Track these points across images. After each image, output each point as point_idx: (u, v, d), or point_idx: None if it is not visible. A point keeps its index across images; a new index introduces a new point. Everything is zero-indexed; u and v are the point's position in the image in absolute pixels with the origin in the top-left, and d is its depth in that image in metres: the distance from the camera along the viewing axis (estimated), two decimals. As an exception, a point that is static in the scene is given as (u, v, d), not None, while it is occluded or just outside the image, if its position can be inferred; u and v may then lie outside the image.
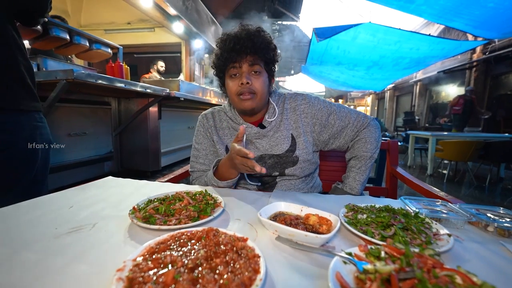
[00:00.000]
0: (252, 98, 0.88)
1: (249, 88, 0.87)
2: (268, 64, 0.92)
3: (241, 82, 0.86)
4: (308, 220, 0.57)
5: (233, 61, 0.87)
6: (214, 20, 6.49)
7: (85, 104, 2.80)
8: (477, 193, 3.55)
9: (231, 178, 0.88)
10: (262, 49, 0.87)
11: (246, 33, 0.86)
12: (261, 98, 0.90)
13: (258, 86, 0.88)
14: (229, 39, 0.86)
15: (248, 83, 0.86)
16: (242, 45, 0.84)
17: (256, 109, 0.93)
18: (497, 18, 3.20)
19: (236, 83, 0.88)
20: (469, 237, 0.55)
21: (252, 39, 0.85)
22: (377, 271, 0.36)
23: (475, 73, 7.54)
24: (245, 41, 0.84)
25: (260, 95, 0.89)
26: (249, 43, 0.84)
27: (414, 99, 11.26)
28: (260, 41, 0.86)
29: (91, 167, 2.94)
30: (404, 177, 1.14)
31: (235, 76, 0.89)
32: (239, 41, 0.85)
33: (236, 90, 0.88)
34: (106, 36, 4.66)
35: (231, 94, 0.91)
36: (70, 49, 2.95)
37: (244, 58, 0.86)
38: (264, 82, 0.90)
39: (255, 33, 0.87)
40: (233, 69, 0.89)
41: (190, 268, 0.36)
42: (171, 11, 4.63)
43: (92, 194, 0.77)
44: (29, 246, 0.47)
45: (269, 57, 0.91)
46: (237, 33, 0.86)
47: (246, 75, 0.87)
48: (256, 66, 0.88)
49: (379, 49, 4.76)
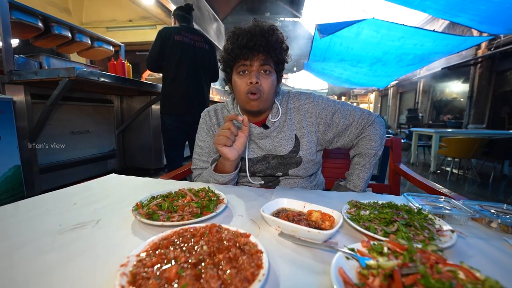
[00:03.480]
0: (259, 98, 0.85)
1: (258, 88, 0.84)
2: (279, 64, 0.89)
3: (250, 81, 0.83)
4: (311, 216, 0.57)
5: (244, 58, 0.83)
6: (216, 17, 6.45)
7: (88, 102, 2.81)
8: (480, 190, 3.53)
9: (230, 172, 0.87)
10: (275, 49, 0.84)
11: (260, 30, 0.82)
12: (267, 99, 0.88)
13: (266, 86, 0.85)
14: (242, 34, 0.82)
15: (258, 83, 0.83)
16: (255, 42, 0.81)
17: (262, 110, 0.91)
18: (503, 13, 3.14)
19: (245, 81, 0.85)
20: (473, 233, 0.55)
21: (267, 37, 0.82)
22: (380, 266, 0.36)
23: (480, 69, 7.44)
24: (259, 38, 0.81)
25: (267, 95, 0.87)
26: (263, 41, 0.81)
27: (417, 96, 11.16)
28: (274, 40, 0.83)
29: (94, 165, 2.97)
30: (407, 174, 1.14)
31: (244, 74, 0.86)
32: (253, 38, 0.81)
33: (244, 88, 0.85)
34: (107, 34, 4.67)
35: (239, 92, 0.88)
36: (72, 47, 2.97)
37: (256, 56, 0.83)
38: (272, 83, 0.87)
39: (269, 31, 0.83)
40: (242, 66, 0.85)
41: (193, 264, 0.36)
42: (172, 8, 4.61)
43: (95, 191, 0.77)
44: (33, 242, 0.47)
45: (281, 57, 0.88)
46: (251, 29, 0.82)
47: (256, 74, 0.83)
48: (267, 65, 0.85)
49: (382, 45, 4.70)
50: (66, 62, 2.68)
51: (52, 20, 2.47)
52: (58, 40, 2.68)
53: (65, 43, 2.80)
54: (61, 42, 2.74)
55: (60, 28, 2.55)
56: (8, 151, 1.90)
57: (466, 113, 7.85)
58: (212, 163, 0.91)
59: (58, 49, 2.95)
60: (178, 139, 2.32)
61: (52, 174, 2.42)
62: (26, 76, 1.97)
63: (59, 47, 2.88)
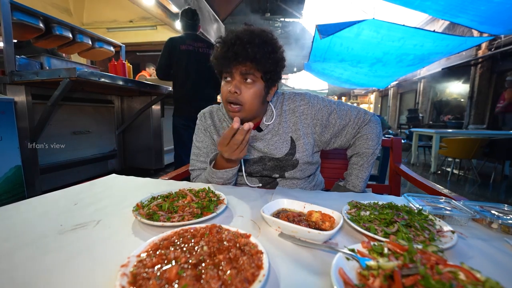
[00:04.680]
0: (240, 110, 0.82)
1: (237, 98, 0.81)
2: (266, 73, 0.82)
3: (229, 90, 0.81)
4: (311, 216, 0.57)
5: (225, 67, 0.82)
6: (217, 17, 6.46)
7: (88, 103, 2.82)
8: (481, 191, 3.52)
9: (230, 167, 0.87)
10: (258, 60, 0.78)
11: (245, 38, 0.77)
12: (250, 110, 0.84)
13: (247, 97, 0.81)
14: (224, 42, 0.80)
15: (236, 93, 0.80)
16: (235, 51, 0.77)
17: (245, 120, 0.84)
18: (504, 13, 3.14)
19: (226, 88, 0.83)
20: (473, 234, 0.55)
21: (247, 47, 0.76)
22: (380, 267, 0.36)
23: (480, 69, 7.44)
24: (239, 48, 0.77)
25: (249, 106, 0.83)
26: (243, 52, 0.77)
27: (418, 97, 11.15)
28: (255, 50, 0.77)
29: (95, 165, 2.97)
30: (407, 175, 1.13)
31: (227, 81, 0.84)
32: (232, 48, 0.77)
33: (225, 96, 0.83)
34: (108, 35, 4.67)
35: (222, 97, 0.87)
36: (73, 48, 2.97)
37: (235, 66, 0.80)
38: (255, 93, 0.82)
39: (254, 40, 0.77)
40: (226, 73, 0.83)
41: (194, 264, 0.36)
42: (173, 8, 4.62)
43: (96, 192, 0.78)
44: (34, 242, 0.47)
45: (267, 67, 0.81)
46: (233, 38, 0.79)
47: (236, 83, 0.81)
48: (249, 75, 0.80)
49: (382, 46, 4.71)
50: (67, 62, 2.69)
51: (53, 20, 2.48)
52: (59, 40, 2.68)
53: (66, 44, 2.80)
54: (62, 42, 2.74)
55: (61, 29, 2.55)
56: (9, 152, 1.90)
57: (466, 114, 7.85)
58: (209, 163, 0.91)
59: (59, 50, 2.96)
60: (187, 139, 2.49)
61: (52, 174, 2.43)
62: (27, 77, 1.97)
63: (60, 47, 2.89)
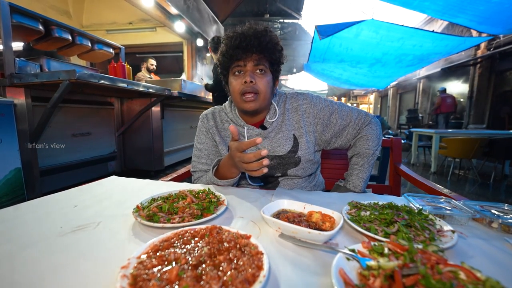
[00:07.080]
0: (256, 99, 0.87)
1: (253, 87, 0.85)
2: (274, 64, 0.90)
3: (245, 80, 0.84)
4: (311, 217, 0.57)
5: (238, 59, 0.85)
6: (216, 19, 6.48)
7: (88, 105, 2.82)
8: (481, 191, 3.52)
9: (232, 178, 0.87)
10: (269, 49, 0.85)
11: (253, 31, 0.84)
12: (264, 99, 0.89)
13: (262, 85, 0.86)
14: (235, 36, 0.85)
15: (252, 82, 0.84)
16: (248, 43, 0.83)
17: (258, 110, 0.91)
18: (502, 13, 3.15)
19: (240, 81, 0.86)
20: (473, 233, 0.55)
21: (259, 37, 0.83)
22: (381, 267, 0.36)
23: (479, 69, 7.45)
24: (251, 39, 0.83)
25: (264, 95, 0.88)
26: (256, 42, 0.83)
27: (417, 97, 11.16)
28: (267, 40, 0.85)
29: (95, 167, 2.97)
30: (407, 175, 1.13)
31: (239, 74, 0.88)
32: (246, 39, 0.83)
33: (239, 88, 0.86)
34: (108, 36, 4.69)
35: (234, 92, 0.89)
36: (73, 50, 2.97)
37: (249, 56, 0.85)
38: (268, 83, 0.88)
39: (263, 32, 0.85)
40: (237, 67, 0.87)
41: (194, 265, 0.36)
42: (172, 10, 4.63)
43: (96, 193, 0.78)
44: (34, 245, 0.47)
45: (275, 57, 0.89)
46: (244, 31, 0.85)
47: (250, 74, 0.85)
48: (261, 65, 0.86)
49: (382, 46, 4.72)
50: (66, 64, 2.70)
51: (53, 23, 2.48)
52: (58, 43, 2.69)
53: (65, 46, 2.80)
54: (62, 45, 2.75)
55: (61, 31, 2.56)
56: (9, 154, 1.90)
57: (466, 113, 7.85)
58: (212, 168, 0.91)
59: (59, 52, 2.96)
60: None
61: (52, 176, 2.43)
62: (27, 79, 1.98)
63: (59, 50, 2.89)
